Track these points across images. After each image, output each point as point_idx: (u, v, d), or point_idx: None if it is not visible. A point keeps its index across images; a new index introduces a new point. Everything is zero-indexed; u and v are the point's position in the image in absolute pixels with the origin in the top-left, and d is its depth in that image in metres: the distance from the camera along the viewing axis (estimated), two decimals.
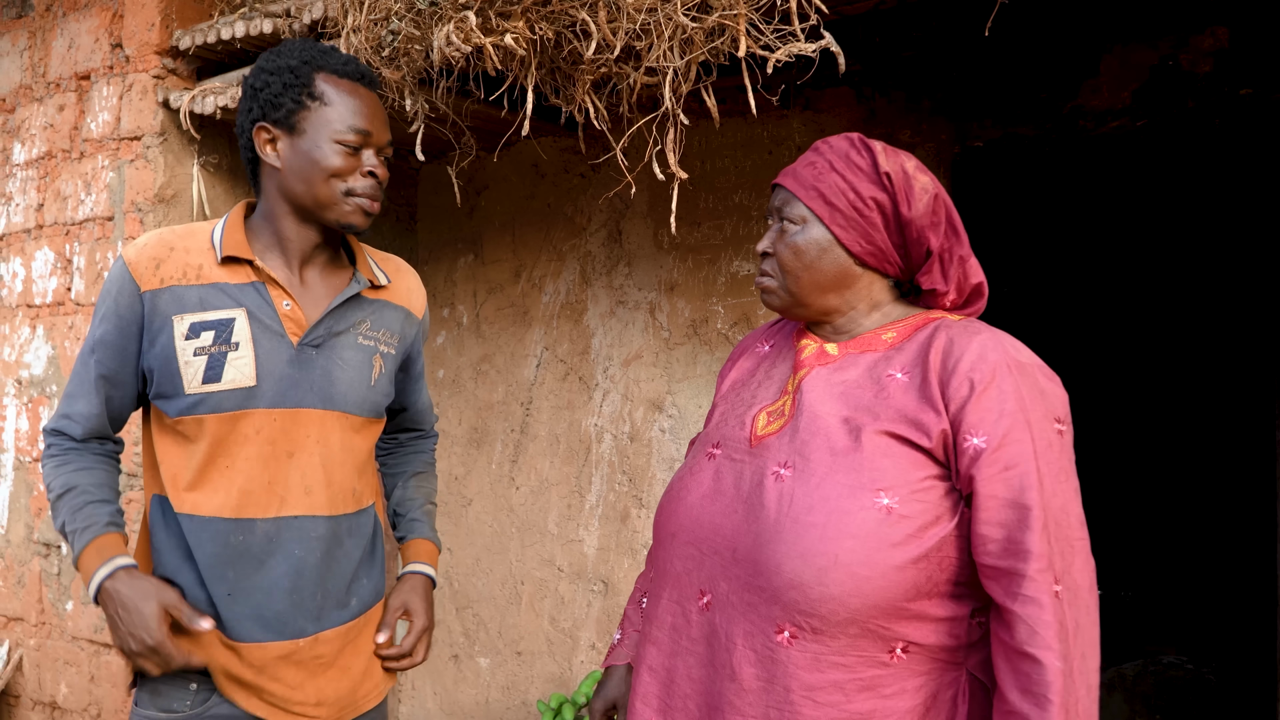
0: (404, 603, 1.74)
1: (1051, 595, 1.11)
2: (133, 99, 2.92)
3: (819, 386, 1.29)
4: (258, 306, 1.55)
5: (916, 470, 1.19)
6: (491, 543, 3.52)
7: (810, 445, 1.24)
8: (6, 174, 3.30)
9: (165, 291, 1.54)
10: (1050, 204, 4.83)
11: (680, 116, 1.95)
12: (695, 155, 3.13)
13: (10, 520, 3.19)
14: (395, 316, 1.72)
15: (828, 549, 1.16)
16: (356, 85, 1.58)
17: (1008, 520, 1.14)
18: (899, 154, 1.32)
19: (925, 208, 1.28)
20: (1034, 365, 1.23)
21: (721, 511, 1.29)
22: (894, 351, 1.29)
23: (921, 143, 2.82)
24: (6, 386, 3.22)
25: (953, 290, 1.34)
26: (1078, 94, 2.63)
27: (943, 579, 1.18)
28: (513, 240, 3.53)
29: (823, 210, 1.31)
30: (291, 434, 1.56)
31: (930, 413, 1.20)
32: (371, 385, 1.66)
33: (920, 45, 2.76)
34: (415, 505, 1.87)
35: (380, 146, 1.60)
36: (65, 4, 3.14)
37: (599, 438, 3.29)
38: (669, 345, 3.17)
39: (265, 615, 1.54)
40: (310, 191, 1.55)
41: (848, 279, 1.33)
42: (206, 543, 1.53)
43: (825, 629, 1.16)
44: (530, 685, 3.40)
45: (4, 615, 3.22)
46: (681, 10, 1.81)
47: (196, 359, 1.52)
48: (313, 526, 1.58)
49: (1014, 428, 1.16)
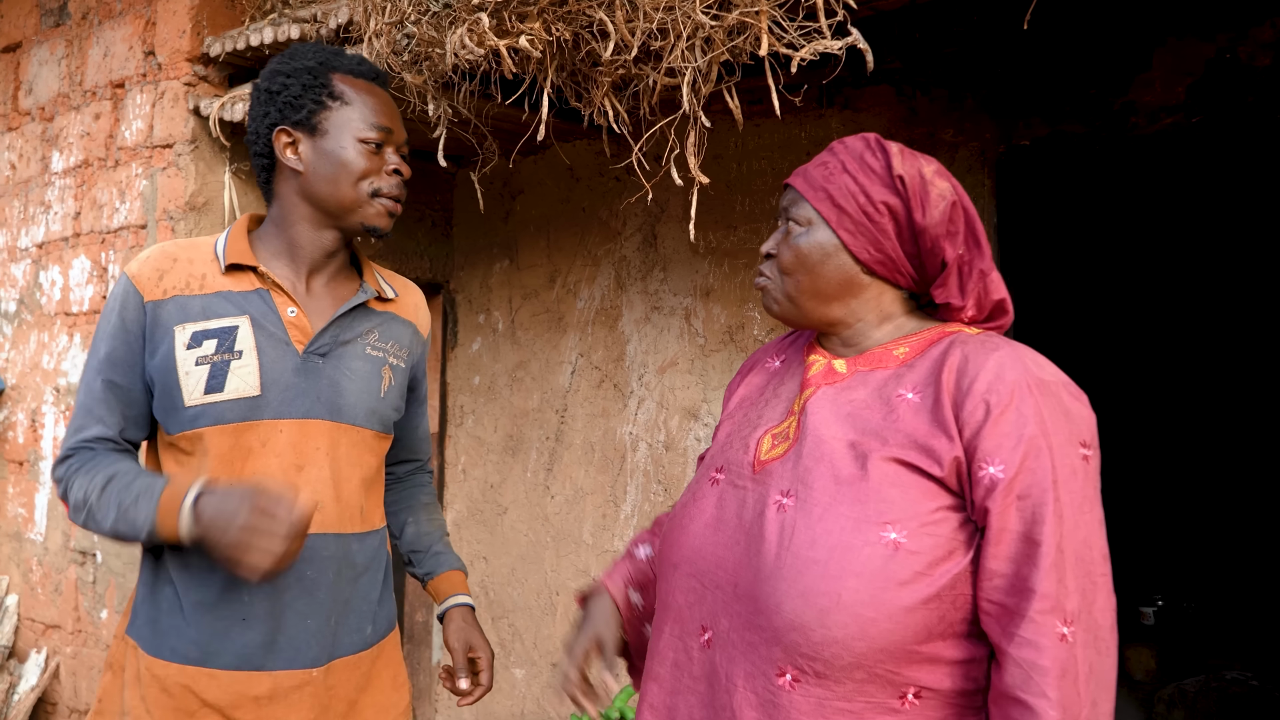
0: (466, 640, 1.70)
1: (1055, 639, 1.02)
2: (165, 107, 2.92)
3: (825, 408, 1.20)
4: (262, 314, 1.51)
5: (927, 501, 1.09)
6: (527, 552, 3.47)
7: (813, 473, 1.15)
8: (45, 182, 3.33)
9: (169, 302, 1.49)
10: (1099, 205, 4.65)
11: (701, 118, 1.87)
12: (731, 157, 3.05)
13: (48, 528, 3.22)
14: (404, 330, 1.68)
15: (830, 588, 1.07)
16: (372, 84, 1.57)
17: (1017, 555, 1.05)
18: (918, 157, 1.22)
19: (941, 215, 1.18)
20: (1058, 383, 1.12)
21: (723, 543, 1.20)
22: (905, 369, 1.19)
23: (965, 142, 2.71)
24: (45, 394, 3.25)
25: (971, 306, 1.24)
26: (1129, 90, 2.50)
27: (957, 619, 1.08)
28: (547, 245, 3.48)
29: (830, 213, 1.22)
30: (300, 446, 1.51)
31: (942, 438, 1.10)
32: (381, 397, 1.60)
33: (962, 41, 2.65)
34: (436, 538, 1.81)
35: (400, 144, 1.58)
36: (101, 12, 3.15)
37: (634, 446, 3.23)
38: (704, 352, 3.09)
39: (279, 642, 1.48)
40: (336, 193, 1.52)
41: (853, 288, 1.24)
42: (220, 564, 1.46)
43: (829, 673, 1.07)
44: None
45: (42, 623, 3.25)
46: (700, 8, 1.74)
47: (198, 369, 1.46)
48: (323, 545, 1.51)
49: (1033, 454, 1.06)
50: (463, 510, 3.65)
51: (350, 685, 1.56)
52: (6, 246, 3.51)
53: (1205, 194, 4.49)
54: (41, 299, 3.31)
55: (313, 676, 1.50)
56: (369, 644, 1.59)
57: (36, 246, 3.36)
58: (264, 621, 1.47)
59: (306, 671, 1.49)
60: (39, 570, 3.27)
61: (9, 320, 3.47)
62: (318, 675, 1.50)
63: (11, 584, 3.39)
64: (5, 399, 3.45)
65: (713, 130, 2.98)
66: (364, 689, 1.58)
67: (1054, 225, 4.87)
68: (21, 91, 3.49)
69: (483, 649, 1.70)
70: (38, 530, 3.27)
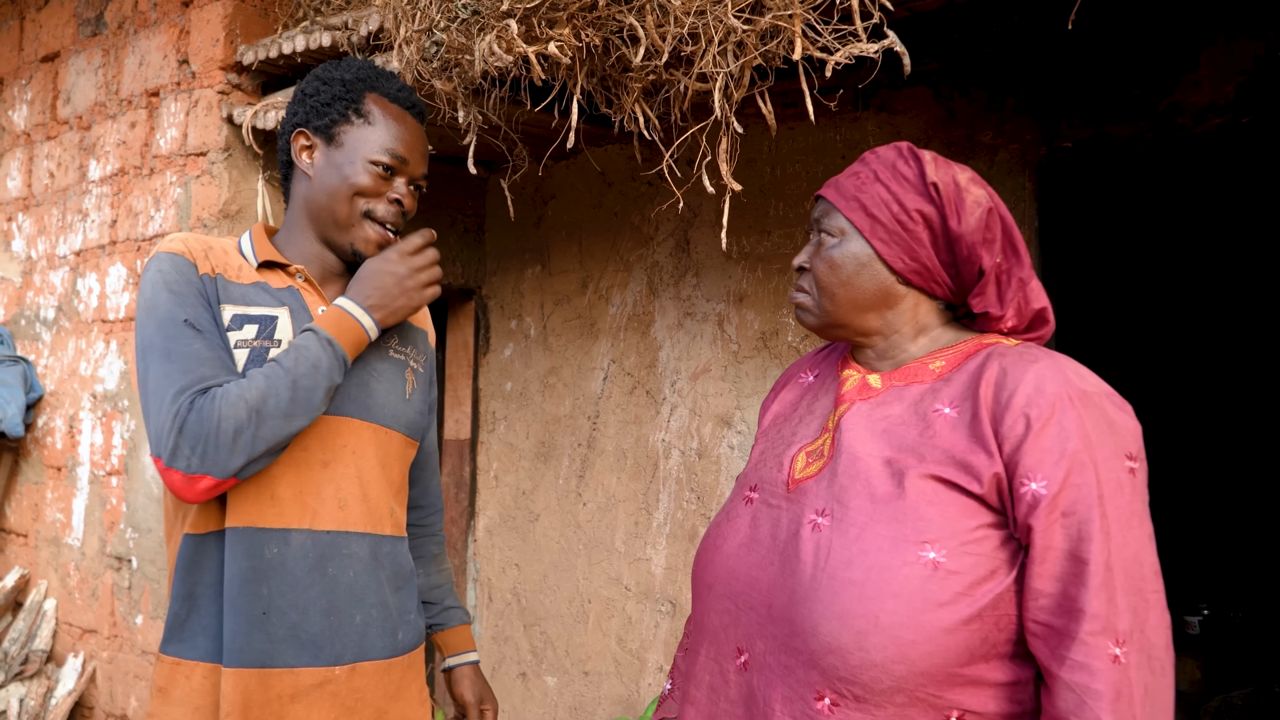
0: (479, 694, 1.76)
1: (1108, 660, 0.98)
2: (199, 115, 2.93)
3: (859, 424, 1.17)
4: (298, 309, 1.52)
5: (967, 519, 1.06)
6: (559, 559, 3.45)
7: (849, 491, 1.12)
8: (83, 190, 3.36)
9: (216, 279, 1.47)
10: (1145, 208, 4.54)
11: (734, 124, 1.83)
12: (765, 162, 3.00)
13: (85, 533, 3.25)
14: (419, 336, 1.68)
15: (867, 610, 1.04)
16: (404, 113, 1.55)
17: (1064, 574, 1.01)
18: (952, 165, 1.19)
19: (977, 223, 1.15)
20: (1101, 394, 1.08)
21: (758, 563, 1.17)
22: (942, 383, 1.16)
23: (1005, 144, 2.65)
24: (83, 400, 3.28)
25: (1011, 315, 1.20)
26: (1176, 89, 2.43)
27: (1001, 639, 1.05)
28: (579, 250, 3.46)
29: (863, 223, 1.19)
30: (327, 442, 1.49)
31: (981, 454, 1.07)
32: (405, 399, 1.60)
33: (1002, 41, 2.59)
34: (445, 591, 1.82)
35: (414, 178, 1.55)
36: (136, 21, 3.17)
37: (666, 454, 3.19)
38: (738, 359, 3.05)
39: (301, 637, 1.45)
40: (331, 206, 1.51)
41: (889, 298, 1.20)
42: (241, 557, 1.44)
43: (868, 697, 1.04)
44: (597, 706, 3.31)
45: (79, 627, 3.28)
46: (733, 12, 1.70)
47: (239, 351, 1.44)
48: (345, 543, 1.50)
49: (1076, 469, 1.02)
50: (495, 517, 3.64)
51: (378, 691, 1.53)
52: (46, 254, 3.54)
53: (1255, 196, 4.38)
54: (79, 306, 3.34)
55: (335, 675, 1.48)
56: (400, 651, 1.56)
57: (74, 254, 3.39)
58: (287, 616, 1.45)
59: (328, 669, 1.47)
60: (76, 575, 3.29)
61: (48, 327, 3.50)
62: (340, 674, 1.48)
63: (50, 588, 3.43)
64: (44, 405, 3.49)
65: (745, 134, 2.94)
66: (394, 699, 1.55)
67: (1098, 230, 4.77)
68: (60, 101, 3.53)
69: (491, 702, 1.77)
70: (75, 535, 3.30)
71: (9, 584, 3.44)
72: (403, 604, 1.59)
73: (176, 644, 1.49)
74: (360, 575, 1.51)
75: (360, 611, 1.51)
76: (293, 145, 1.54)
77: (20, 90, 3.74)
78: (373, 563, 1.53)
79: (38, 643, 3.31)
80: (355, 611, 1.50)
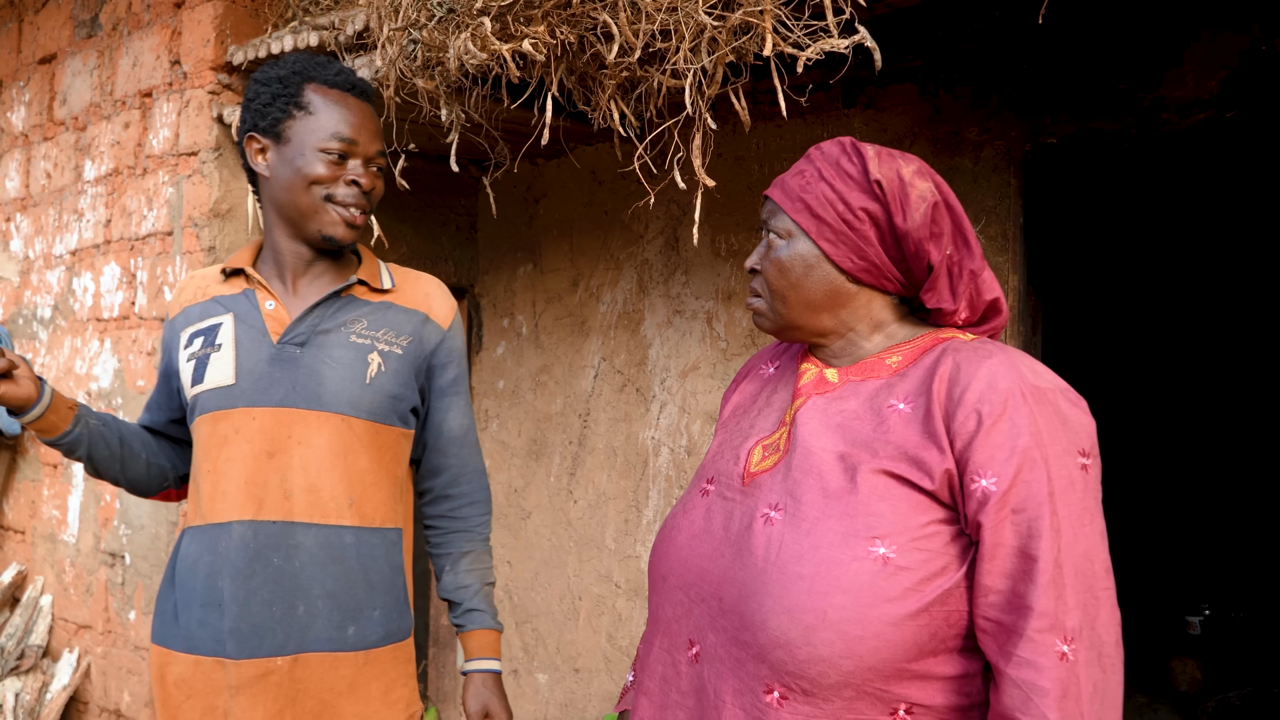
0: (484, 705, 1.66)
1: (1055, 658, 0.98)
2: (190, 115, 2.95)
3: (815, 419, 1.17)
4: (245, 310, 1.59)
5: (918, 514, 1.06)
6: (550, 556, 3.46)
7: (802, 486, 1.11)
8: (79, 190, 3.39)
9: (180, 314, 1.65)
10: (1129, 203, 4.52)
11: (707, 120, 1.84)
12: (753, 159, 3.01)
13: (80, 530, 3.28)
14: (405, 319, 1.66)
15: (815, 605, 1.03)
16: (346, 95, 1.57)
17: (1013, 571, 1.01)
18: (896, 158, 1.18)
19: (923, 218, 1.14)
20: (1055, 390, 1.08)
21: (710, 555, 1.17)
22: (898, 378, 1.16)
23: (990, 140, 2.65)
24: (78, 398, 3.30)
25: (964, 308, 1.19)
26: (1160, 85, 2.42)
27: (951, 635, 1.05)
28: (570, 248, 3.47)
29: (809, 224, 1.18)
30: (271, 433, 1.52)
31: (933, 450, 1.06)
32: (366, 383, 1.57)
33: (986, 37, 2.59)
34: (471, 592, 1.71)
35: (369, 157, 1.58)
36: (130, 23, 3.20)
37: (656, 451, 3.20)
38: (726, 356, 3.06)
39: (242, 629, 1.48)
40: (292, 200, 1.56)
41: (841, 298, 1.20)
42: (203, 552, 1.51)
43: (816, 691, 1.04)
44: (588, 703, 3.32)
45: (74, 623, 3.31)
46: (703, 9, 1.71)
47: (188, 365, 1.59)
48: (291, 534, 1.51)
49: (1027, 465, 1.02)
50: None
51: (323, 684, 1.52)
52: (43, 254, 3.58)
53: (1240, 190, 4.36)
54: (75, 305, 3.37)
55: (277, 665, 1.49)
56: (351, 646, 1.54)
57: (70, 254, 3.42)
58: (232, 607, 1.49)
59: (270, 660, 1.49)
60: (71, 571, 3.32)
61: (45, 326, 3.53)
62: (282, 665, 1.49)
63: (46, 584, 3.46)
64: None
65: (733, 132, 2.95)
66: (345, 694, 1.54)
67: (1082, 225, 4.75)
68: (56, 102, 3.56)
69: (500, 715, 1.66)
70: (70, 532, 3.33)
71: (6, 580, 3.47)
72: (365, 598, 1.56)
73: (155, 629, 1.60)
74: (306, 566, 1.52)
75: (304, 602, 1.51)
76: (247, 151, 1.59)
77: (18, 92, 3.78)
78: (322, 554, 1.52)
79: (34, 638, 3.34)
80: (299, 602, 1.51)
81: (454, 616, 1.73)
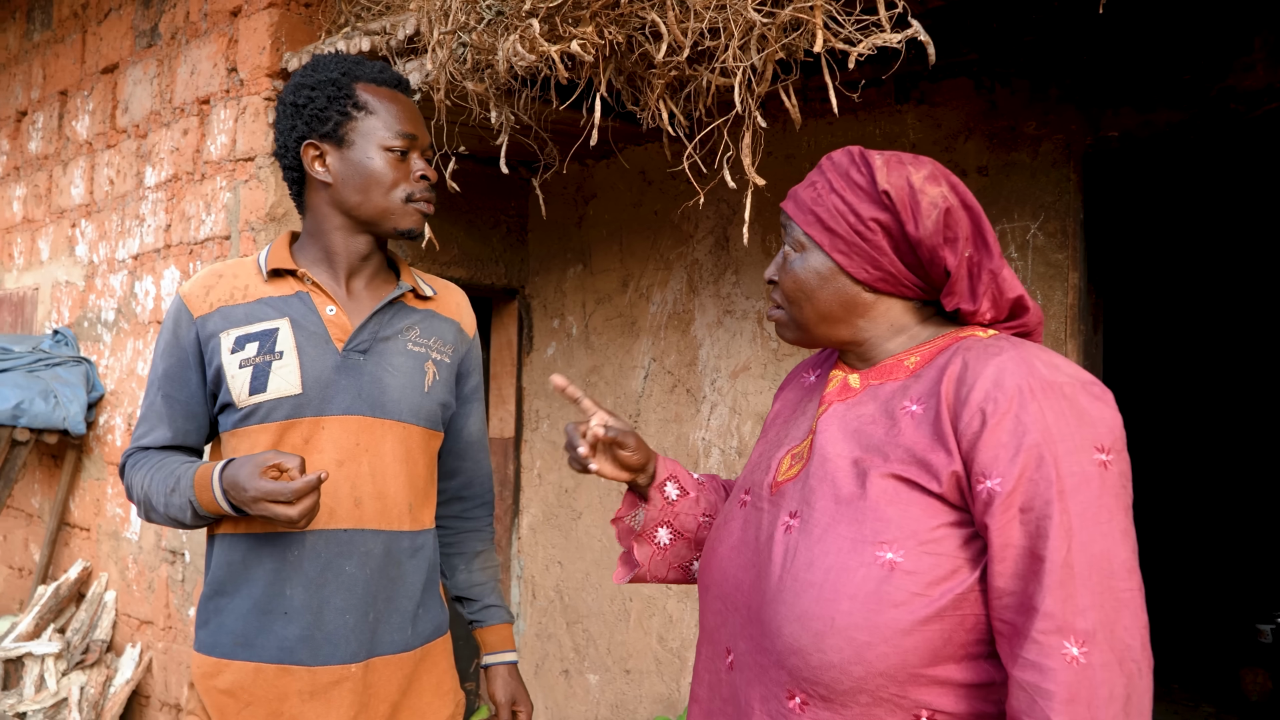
0: (512, 695, 1.74)
1: (1063, 661, 0.95)
2: (246, 121, 3.00)
3: (833, 425, 1.16)
4: (302, 315, 1.56)
5: (928, 518, 1.04)
6: (601, 557, 3.46)
7: (816, 493, 1.11)
8: (140, 196, 3.47)
9: (215, 314, 1.56)
10: (1195, 197, 4.39)
11: (757, 118, 1.82)
12: (803, 156, 2.98)
13: (142, 528, 3.35)
14: (446, 327, 1.70)
15: (824, 611, 1.04)
16: (395, 92, 1.59)
17: (1023, 571, 0.99)
18: (906, 165, 1.15)
19: (935, 225, 1.12)
20: (1074, 383, 1.04)
21: (743, 565, 1.19)
22: (913, 380, 1.14)
23: (1049, 134, 2.59)
24: (140, 399, 3.38)
25: (987, 308, 1.16)
26: (1228, 74, 2.34)
27: (969, 640, 1.02)
28: (620, 249, 3.46)
29: (821, 236, 1.17)
30: (340, 442, 1.53)
31: (941, 452, 1.05)
32: (425, 392, 1.62)
33: (1042, 29, 2.53)
34: (487, 589, 1.80)
35: (424, 148, 1.60)
36: (188, 32, 3.26)
37: (706, 452, 3.18)
38: (777, 357, 3.03)
39: (316, 636, 1.50)
40: (368, 202, 1.55)
41: (858, 308, 1.18)
42: (266, 559, 1.51)
43: (833, 697, 1.04)
44: (639, 705, 3.32)
45: (136, 618, 3.38)
46: (752, 5, 1.69)
47: (243, 371, 1.52)
48: (363, 541, 1.54)
49: (1033, 464, 0.99)
50: (538, 515, 3.66)
51: (391, 686, 1.56)
52: (106, 258, 3.66)
53: None
54: (136, 308, 3.45)
55: (351, 672, 1.51)
56: (411, 646, 1.59)
57: (132, 258, 3.50)
58: (303, 615, 1.50)
59: (345, 667, 1.51)
60: (134, 568, 3.40)
61: (108, 329, 3.62)
62: (356, 671, 1.52)
63: (110, 581, 3.54)
64: (105, 404, 3.60)
65: (783, 130, 2.92)
66: (405, 691, 1.59)
67: (1146, 220, 4.64)
68: (119, 110, 3.64)
69: (525, 703, 1.75)
70: (133, 530, 3.40)
71: (72, 576, 3.57)
72: (419, 598, 1.61)
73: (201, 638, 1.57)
74: (375, 572, 1.54)
75: (375, 609, 1.54)
76: (304, 158, 1.56)
77: (82, 101, 3.87)
78: (386, 559, 1.56)
79: (98, 633, 3.42)
80: (370, 609, 1.53)
81: (470, 612, 1.80)
